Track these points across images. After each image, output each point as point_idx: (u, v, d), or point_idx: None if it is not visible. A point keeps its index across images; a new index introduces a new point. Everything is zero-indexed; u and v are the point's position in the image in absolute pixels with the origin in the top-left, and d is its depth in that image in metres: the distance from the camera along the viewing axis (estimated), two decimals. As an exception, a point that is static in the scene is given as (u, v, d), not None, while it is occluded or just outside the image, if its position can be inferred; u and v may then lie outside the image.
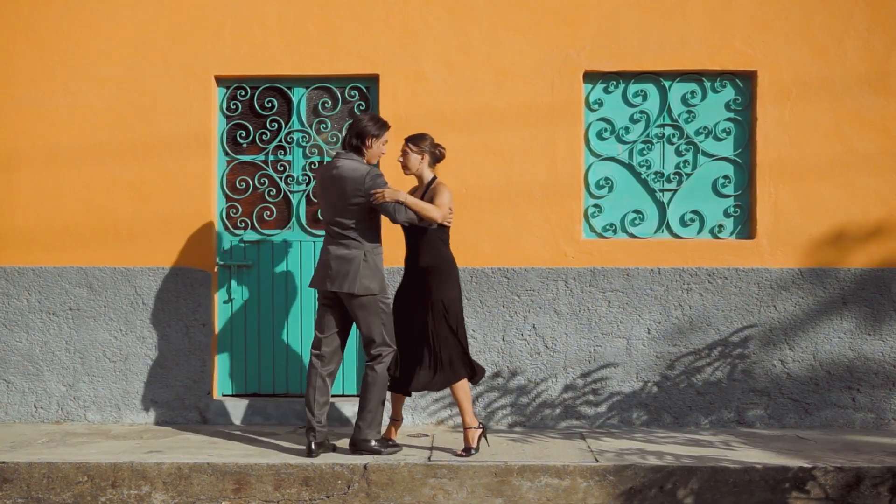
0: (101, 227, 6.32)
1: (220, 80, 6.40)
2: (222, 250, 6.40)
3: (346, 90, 6.39)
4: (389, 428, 5.58)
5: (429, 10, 6.26)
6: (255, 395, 6.41)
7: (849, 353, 6.19)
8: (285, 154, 6.41)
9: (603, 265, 6.22)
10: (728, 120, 6.33)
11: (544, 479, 5.01)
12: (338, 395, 6.37)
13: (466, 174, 6.21)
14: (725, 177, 6.30)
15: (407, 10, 6.27)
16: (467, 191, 6.21)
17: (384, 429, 5.60)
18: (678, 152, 6.32)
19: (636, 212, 6.32)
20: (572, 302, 6.22)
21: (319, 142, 6.41)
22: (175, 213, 6.29)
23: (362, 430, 5.33)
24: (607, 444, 5.61)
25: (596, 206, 6.33)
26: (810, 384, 6.19)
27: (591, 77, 6.32)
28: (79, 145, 6.32)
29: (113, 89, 6.32)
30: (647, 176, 6.32)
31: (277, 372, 6.39)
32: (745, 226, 6.31)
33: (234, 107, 6.41)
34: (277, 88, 6.42)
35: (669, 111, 6.32)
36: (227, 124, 6.44)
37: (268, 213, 6.41)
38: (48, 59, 6.33)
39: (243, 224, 6.42)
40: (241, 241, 6.40)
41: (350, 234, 5.33)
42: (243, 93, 6.43)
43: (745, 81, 6.31)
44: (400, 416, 5.62)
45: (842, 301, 6.19)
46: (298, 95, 6.40)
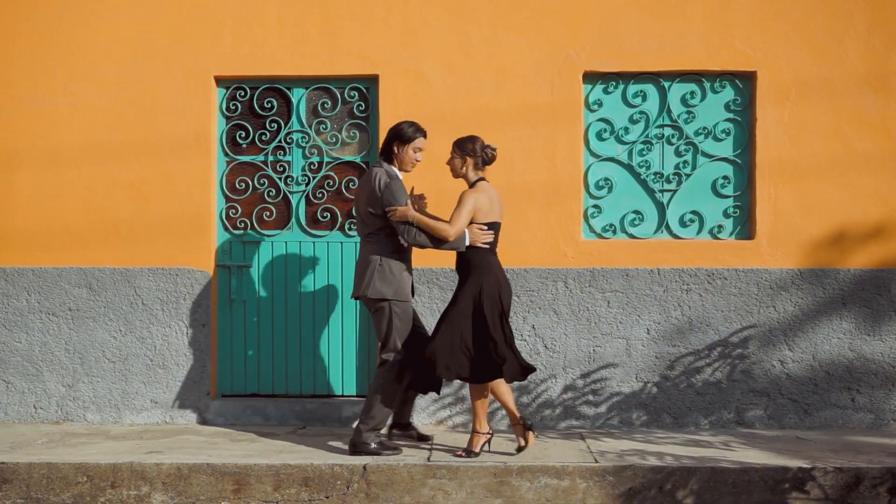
0: (100, 228, 6.31)
1: (220, 81, 6.40)
2: (222, 251, 6.40)
3: (346, 90, 6.38)
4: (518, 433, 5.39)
5: (429, 10, 6.26)
6: (254, 395, 6.41)
7: (848, 353, 6.19)
8: (285, 154, 6.41)
9: (602, 266, 6.22)
10: (728, 120, 6.32)
11: (544, 480, 5.01)
12: (338, 396, 6.37)
13: (466, 174, 6.21)
14: (725, 177, 6.30)
15: (407, 10, 6.26)
16: (467, 191, 6.21)
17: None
18: (678, 153, 6.32)
19: (636, 212, 6.31)
20: (572, 302, 6.21)
21: (319, 142, 6.41)
22: (175, 214, 6.29)
23: (362, 432, 5.33)
24: (607, 445, 5.61)
25: (595, 206, 6.32)
26: (810, 384, 6.19)
27: (590, 77, 6.31)
28: (79, 145, 6.32)
29: (113, 89, 6.32)
30: (647, 176, 6.32)
31: (277, 372, 6.39)
32: (745, 226, 6.30)
33: (233, 107, 6.41)
34: (277, 89, 6.42)
35: (669, 111, 6.31)
36: (226, 125, 6.43)
37: (267, 213, 6.40)
38: (48, 59, 6.33)
39: (243, 224, 6.42)
40: (241, 242, 6.40)
41: (371, 239, 5.40)
42: (243, 93, 6.42)
43: (744, 82, 6.31)
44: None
45: (841, 301, 6.19)
46: (298, 96, 6.40)
